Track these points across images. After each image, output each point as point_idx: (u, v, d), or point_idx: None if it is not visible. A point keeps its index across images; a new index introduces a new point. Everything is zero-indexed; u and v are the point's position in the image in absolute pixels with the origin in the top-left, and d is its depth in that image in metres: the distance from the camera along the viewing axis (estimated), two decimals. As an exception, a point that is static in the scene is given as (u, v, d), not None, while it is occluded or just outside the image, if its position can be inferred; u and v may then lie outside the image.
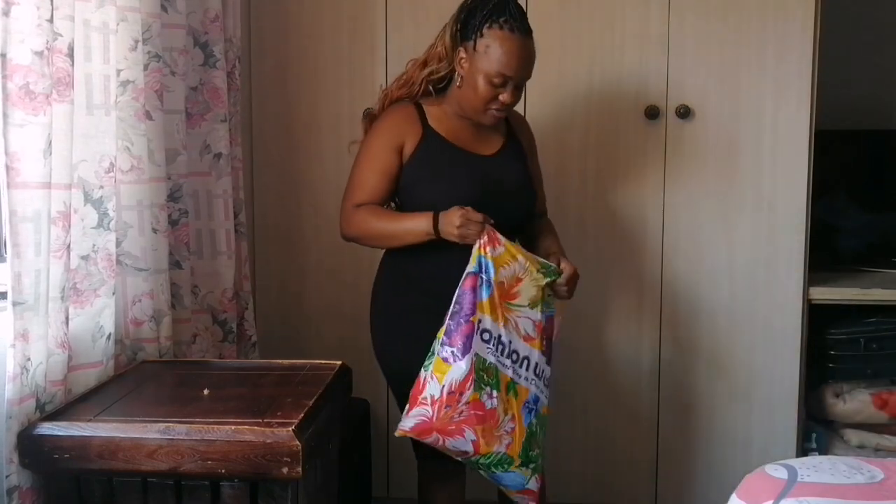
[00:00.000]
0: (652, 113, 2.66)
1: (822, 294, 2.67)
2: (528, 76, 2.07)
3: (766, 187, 2.66)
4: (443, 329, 1.95)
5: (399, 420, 1.97)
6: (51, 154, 1.69)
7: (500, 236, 1.98)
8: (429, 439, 1.93)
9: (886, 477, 1.54)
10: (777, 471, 1.58)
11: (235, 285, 2.45)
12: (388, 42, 2.73)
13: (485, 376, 1.94)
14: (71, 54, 1.75)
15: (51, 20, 1.67)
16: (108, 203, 1.92)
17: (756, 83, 2.63)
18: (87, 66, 1.87)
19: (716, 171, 2.68)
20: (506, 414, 1.97)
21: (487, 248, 1.96)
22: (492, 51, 2.00)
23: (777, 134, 2.64)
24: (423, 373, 1.94)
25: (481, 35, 2.01)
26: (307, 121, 2.80)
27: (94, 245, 1.90)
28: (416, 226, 2.04)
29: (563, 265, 2.08)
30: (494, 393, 1.95)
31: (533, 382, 2.03)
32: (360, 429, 2.75)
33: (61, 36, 1.73)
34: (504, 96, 2.04)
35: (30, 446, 1.64)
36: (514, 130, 2.24)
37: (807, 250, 2.65)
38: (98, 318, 1.91)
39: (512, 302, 2.00)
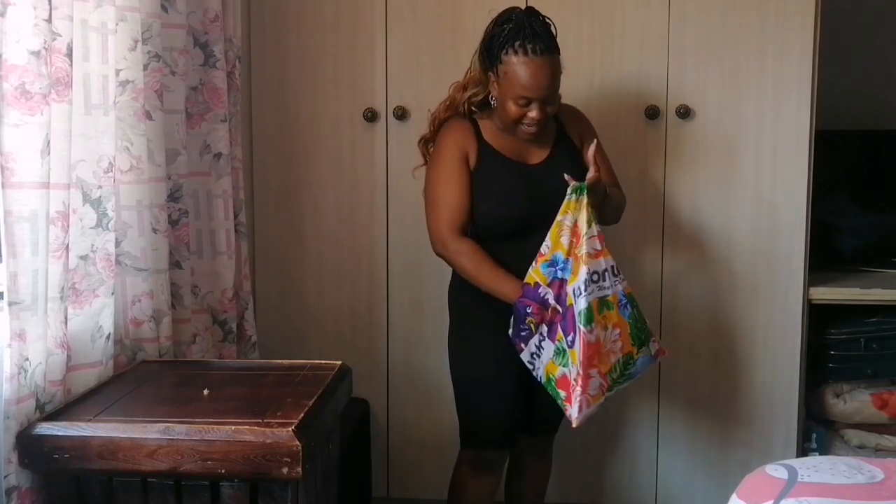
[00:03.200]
0: (652, 113, 2.65)
1: (822, 294, 2.67)
2: (553, 93, 2.11)
3: (767, 187, 2.66)
4: (559, 334, 2.03)
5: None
6: (49, 154, 1.69)
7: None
8: (593, 407, 2.02)
9: (886, 477, 1.54)
10: (777, 471, 1.57)
11: (235, 285, 2.44)
12: (388, 42, 2.73)
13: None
14: (70, 54, 1.75)
15: (49, 20, 1.66)
16: (107, 203, 1.92)
17: (756, 83, 2.62)
18: (86, 66, 1.86)
19: (716, 171, 2.68)
20: (605, 330, 2.03)
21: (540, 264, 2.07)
22: (511, 75, 2.07)
23: (777, 134, 2.63)
24: (563, 370, 2.03)
25: (500, 61, 2.08)
26: (307, 121, 2.80)
27: (92, 245, 1.90)
28: (504, 295, 2.10)
29: (572, 183, 2.06)
30: (590, 326, 2.01)
31: (616, 284, 2.07)
32: (360, 429, 2.75)
33: (60, 36, 1.72)
34: (533, 114, 2.10)
35: (29, 446, 1.64)
36: (565, 130, 2.27)
37: (807, 250, 2.65)
38: (97, 318, 1.91)
39: (579, 246, 2.04)
